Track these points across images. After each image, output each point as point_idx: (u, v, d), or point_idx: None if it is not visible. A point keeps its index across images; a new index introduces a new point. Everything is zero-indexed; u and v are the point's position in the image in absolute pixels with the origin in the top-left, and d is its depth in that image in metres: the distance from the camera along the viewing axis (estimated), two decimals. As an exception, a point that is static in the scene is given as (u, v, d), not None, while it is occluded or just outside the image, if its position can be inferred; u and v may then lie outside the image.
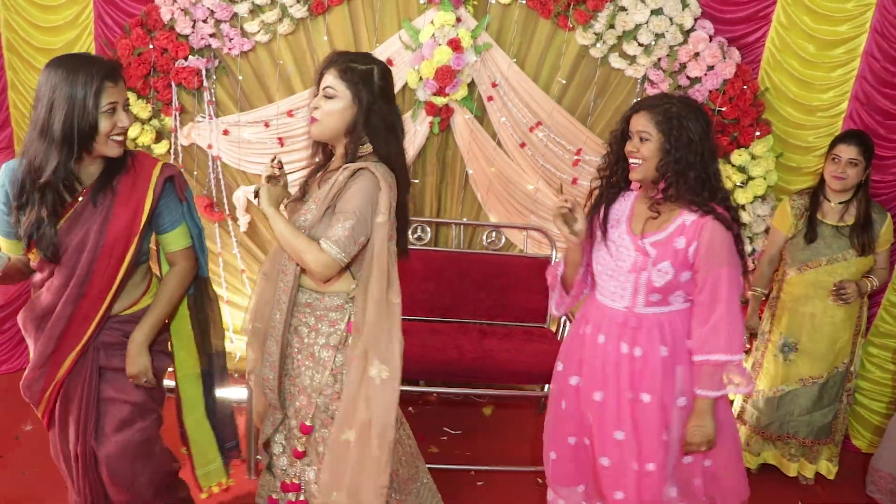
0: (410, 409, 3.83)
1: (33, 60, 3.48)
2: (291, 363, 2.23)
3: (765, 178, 3.57)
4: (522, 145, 3.66)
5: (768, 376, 3.43)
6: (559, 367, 2.52)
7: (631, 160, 2.26)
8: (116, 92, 2.03)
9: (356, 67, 2.08)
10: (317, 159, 2.26)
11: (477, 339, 3.59)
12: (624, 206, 2.35)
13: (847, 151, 3.16)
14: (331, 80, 2.08)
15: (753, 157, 3.56)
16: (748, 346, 3.45)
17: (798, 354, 3.36)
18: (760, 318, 3.45)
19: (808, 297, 3.30)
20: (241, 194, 3.71)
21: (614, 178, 2.36)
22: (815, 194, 3.29)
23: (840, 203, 3.25)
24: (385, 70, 2.14)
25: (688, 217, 2.19)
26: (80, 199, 2.10)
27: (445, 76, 3.44)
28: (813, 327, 3.32)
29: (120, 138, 2.07)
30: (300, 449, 2.24)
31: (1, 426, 3.33)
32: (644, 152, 2.21)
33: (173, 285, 2.29)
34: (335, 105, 2.07)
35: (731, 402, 2.40)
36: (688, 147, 2.16)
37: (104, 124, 2.01)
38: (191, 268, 2.32)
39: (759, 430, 3.47)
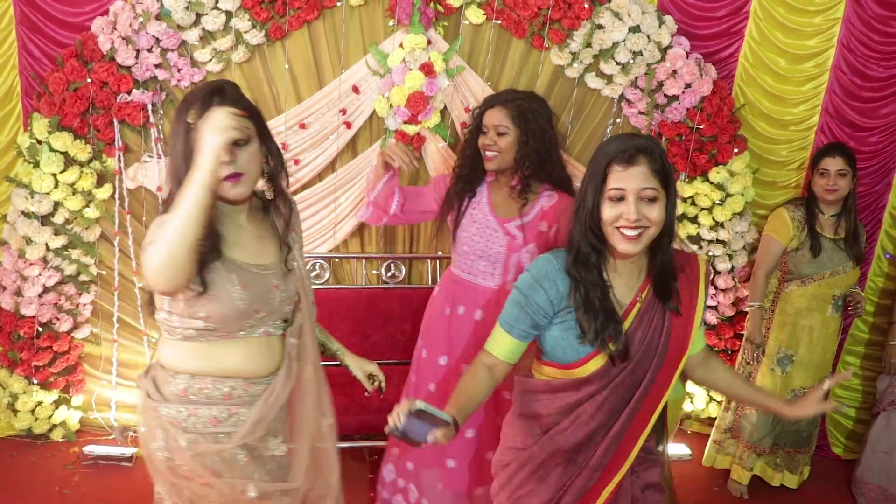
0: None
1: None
2: None
3: (743, 195, 3.52)
4: (498, 172, 3.47)
5: None
6: (424, 353, 2.67)
7: (488, 152, 2.44)
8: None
9: None
10: None
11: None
12: (480, 193, 2.54)
13: (833, 164, 3.17)
14: None
15: (732, 174, 3.50)
16: (755, 362, 3.36)
17: (794, 366, 3.33)
18: (766, 333, 3.36)
19: (809, 309, 3.27)
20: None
21: (467, 170, 2.53)
22: (810, 207, 3.25)
23: (832, 216, 3.25)
24: None
25: (545, 202, 2.46)
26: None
27: (418, 103, 3.20)
28: (811, 339, 3.30)
29: None
30: None
31: None
32: (501, 145, 2.41)
33: None
34: None
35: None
36: (542, 138, 2.41)
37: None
38: None
39: (752, 445, 3.43)
